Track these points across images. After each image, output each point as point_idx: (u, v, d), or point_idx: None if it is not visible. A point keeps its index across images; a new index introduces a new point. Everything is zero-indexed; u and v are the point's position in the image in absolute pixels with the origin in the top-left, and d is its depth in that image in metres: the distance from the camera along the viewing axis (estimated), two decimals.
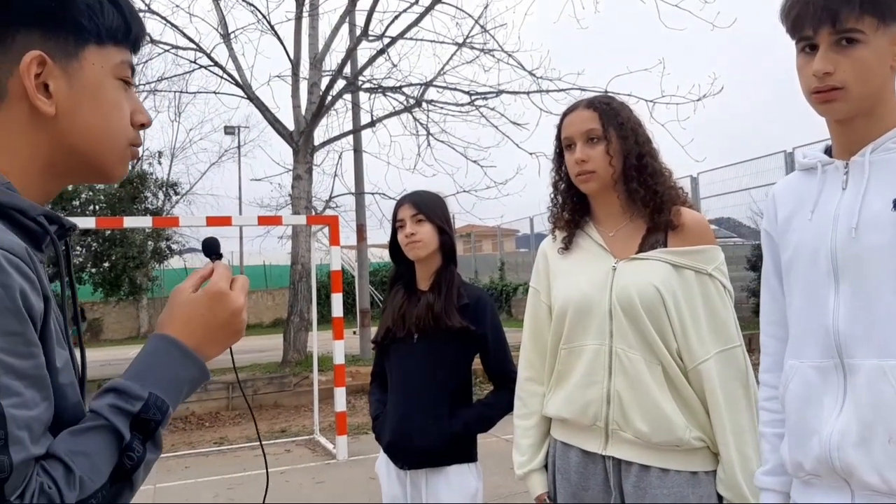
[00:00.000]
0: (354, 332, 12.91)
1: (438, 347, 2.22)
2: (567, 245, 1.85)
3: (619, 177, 1.75)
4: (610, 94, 1.90)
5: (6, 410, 0.70)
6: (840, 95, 1.20)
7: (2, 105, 0.83)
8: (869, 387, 1.16)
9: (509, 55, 10.43)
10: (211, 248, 1.04)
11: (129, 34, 0.91)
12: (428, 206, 2.31)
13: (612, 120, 1.75)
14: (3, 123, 0.84)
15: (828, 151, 1.34)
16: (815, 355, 1.25)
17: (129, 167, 0.97)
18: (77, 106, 0.86)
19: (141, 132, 0.95)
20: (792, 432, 1.30)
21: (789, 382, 1.30)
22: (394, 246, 2.37)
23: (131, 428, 0.80)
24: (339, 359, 6.33)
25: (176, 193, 15.96)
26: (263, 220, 7.03)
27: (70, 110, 0.85)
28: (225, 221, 6.89)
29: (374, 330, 2.42)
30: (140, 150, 0.97)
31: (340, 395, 6.27)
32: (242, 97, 11.03)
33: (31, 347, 0.74)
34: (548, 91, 10.27)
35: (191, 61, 10.86)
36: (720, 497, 1.64)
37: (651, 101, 9.46)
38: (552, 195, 1.91)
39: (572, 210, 1.85)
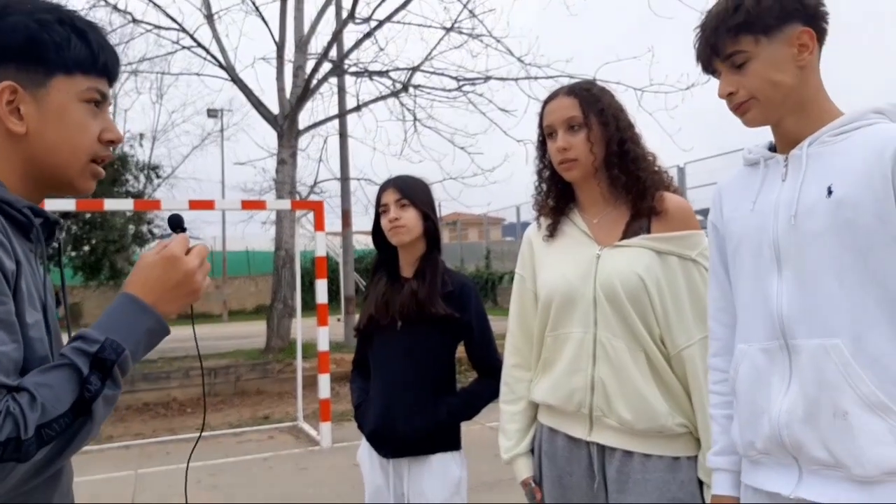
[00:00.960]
0: (339, 320, 12.87)
1: (422, 335, 2.19)
2: (552, 232, 1.84)
3: (601, 164, 1.75)
4: (591, 81, 1.89)
5: None
6: (750, 106, 1.34)
7: None
8: (812, 365, 1.23)
9: (498, 41, 10.39)
10: (175, 223, 1.17)
11: (96, 64, 1.06)
12: (412, 191, 2.26)
13: (593, 106, 1.74)
14: None
15: (772, 148, 1.42)
16: (761, 338, 1.32)
17: (94, 184, 1.11)
18: (44, 126, 1.02)
19: (112, 148, 1.10)
20: (743, 413, 1.36)
21: (739, 366, 1.37)
22: (377, 231, 2.33)
23: (91, 367, 0.92)
24: (323, 346, 6.28)
25: (158, 177, 15.75)
26: (247, 205, 6.93)
27: (39, 130, 1.02)
28: (208, 205, 6.79)
29: (358, 317, 2.36)
30: (101, 168, 1.11)
31: (324, 382, 6.24)
32: (226, 79, 10.91)
33: (2, 296, 0.88)
34: (536, 78, 10.25)
35: (173, 42, 10.70)
36: (701, 482, 1.65)
37: (640, 89, 9.48)
38: (536, 183, 1.90)
39: (557, 197, 1.85)
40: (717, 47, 1.33)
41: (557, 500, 1.78)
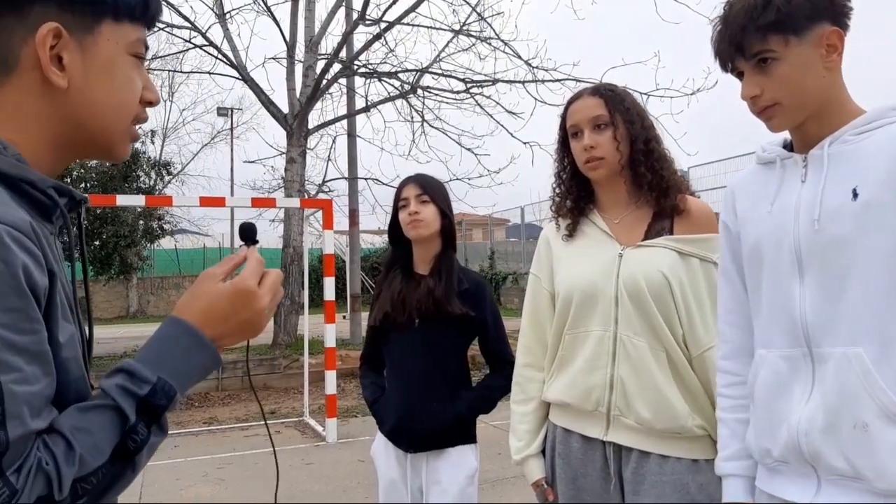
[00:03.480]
0: (344, 317, 12.94)
1: (439, 332, 2.23)
2: (571, 232, 1.85)
3: (626, 162, 1.76)
4: (612, 83, 1.91)
5: (5, 386, 0.70)
6: (776, 111, 1.27)
7: (14, 74, 0.83)
8: (836, 374, 1.18)
9: (505, 44, 10.43)
10: (247, 234, 1.03)
11: (147, 11, 0.91)
12: (433, 188, 2.32)
13: (619, 105, 1.76)
14: (14, 93, 0.83)
15: (787, 146, 1.36)
16: (783, 345, 1.27)
17: (130, 148, 0.96)
18: (89, 80, 0.86)
19: (148, 110, 0.95)
20: (760, 420, 1.32)
21: (758, 371, 1.32)
22: (394, 227, 2.37)
23: (137, 411, 0.79)
24: (330, 342, 6.35)
25: (168, 173, 15.86)
26: (257, 202, 7.01)
27: (82, 84, 0.85)
28: (218, 202, 6.87)
29: (364, 315, 2.43)
30: (140, 130, 0.96)
31: (331, 378, 6.31)
32: (237, 78, 10.95)
33: (33, 324, 0.74)
34: (543, 81, 10.28)
35: (185, 40, 10.76)
36: None
37: (646, 93, 9.47)
38: (555, 184, 1.91)
39: (577, 198, 1.85)
40: (742, 46, 1.25)
41: (572, 500, 1.77)
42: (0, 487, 0.69)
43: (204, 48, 10.71)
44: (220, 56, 10.67)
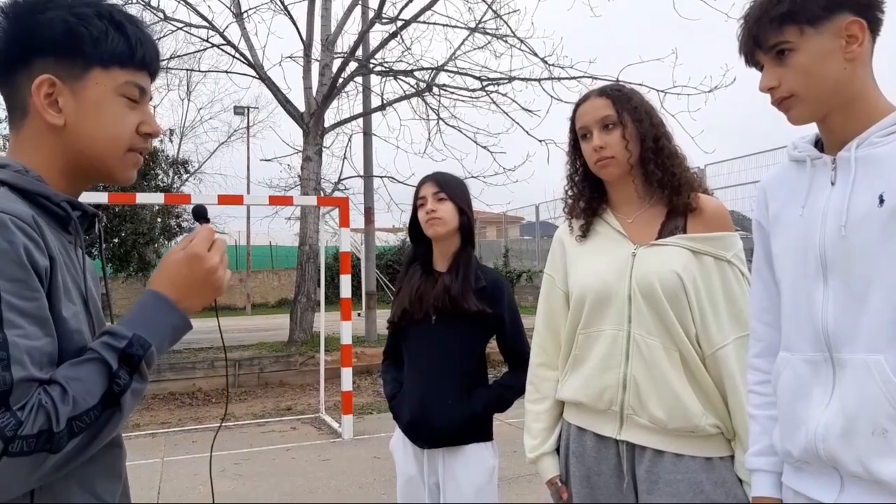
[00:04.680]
0: (359, 315, 12.99)
1: (456, 329, 2.24)
2: (585, 233, 1.86)
3: (636, 161, 1.77)
4: (620, 83, 1.92)
5: (10, 338, 0.87)
6: (794, 102, 1.27)
7: (28, 117, 1.04)
8: (856, 381, 1.18)
9: (521, 41, 10.41)
10: (198, 214, 1.21)
11: (133, 57, 1.07)
12: (450, 186, 2.33)
13: (626, 105, 1.76)
14: (30, 132, 1.05)
15: (818, 142, 1.34)
16: (805, 349, 1.27)
17: (135, 173, 1.14)
18: (82, 118, 1.04)
19: (149, 140, 1.12)
20: (783, 422, 1.33)
21: (780, 373, 1.33)
22: (413, 225, 2.39)
23: (119, 361, 0.95)
24: (346, 339, 6.38)
25: (186, 171, 16.00)
26: (274, 200, 7.07)
27: (76, 122, 1.04)
28: (236, 200, 6.93)
29: (379, 312, 2.46)
30: (141, 157, 1.13)
31: (347, 375, 6.34)
32: (254, 77, 11.04)
33: (34, 293, 0.91)
34: (559, 78, 10.26)
35: (203, 39, 10.85)
36: (740, 480, 1.66)
37: (662, 91, 9.45)
38: (567, 187, 1.92)
39: (589, 199, 1.86)
40: (759, 38, 1.26)
41: (585, 499, 1.77)
42: (7, 419, 0.85)
43: (221, 47, 10.80)
44: (237, 55, 10.75)
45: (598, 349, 1.76)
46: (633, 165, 1.78)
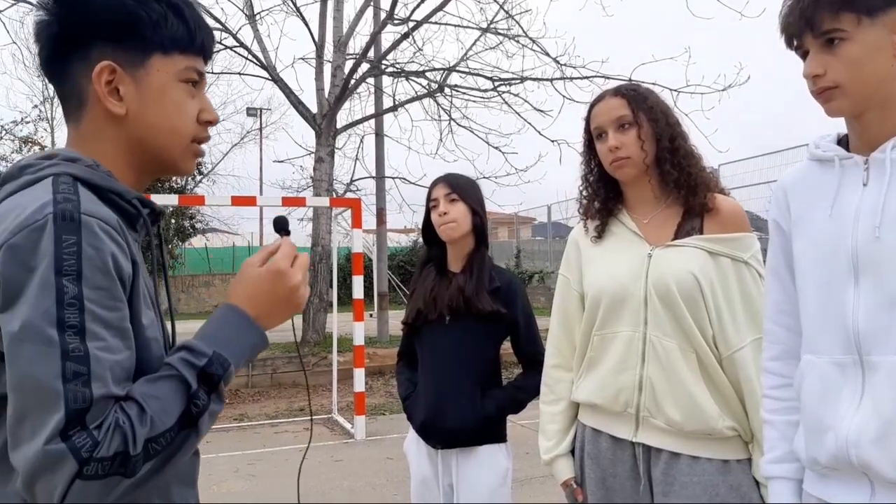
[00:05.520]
0: (371, 315, 13.01)
1: (470, 330, 2.23)
2: (600, 234, 1.84)
3: (652, 161, 1.75)
4: (635, 82, 1.91)
5: (92, 351, 0.82)
6: (836, 94, 1.22)
7: (86, 108, 1.00)
8: (889, 383, 1.15)
9: (533, 41, 10.36)
10: (280, 225, 1.15)
11: (193, 42, 1.03)
12: (462, 187, 2.33)
13: (641, 105, 1.75)
14: (90, 123, 1.00)
15: (841, 142, 1.31)
16: (833, 351, 1.24)
17: (195, 163, 1.11)
18: (144, 107, 1.00)
19: (210, 129, 1.08)
20: (808, 427, 1.29)
21: (804, 377, 1.29)
22: (427, 227, 2.39)
23: (197, 379, 0.91)
24: (358, 340, 6.40)
25: (199, 173, 16.10)
26: (287, 201, 7.10)
27: (138, 111, 1.00)
28: (249, 201, 6.96)
29: (391, 313, 2.45)
30: (202, 147, 1.09)
31: (359, 375, 6.35)
32: (267, 79, 11.07)
33: (117, 302, 0.87)
34: (571, 78, 10.20)
35: (216, 41, 10.89)
36: (758, 483, 1.65)
37: (676, 90, 9.37)
38: (582, 187, 1.91)
39: (605, 199, 1.85)
40: (813, 21, 1.19)
41: (601, 501, 1.77)
42: (84, 439, 0.80)
43: (234, 49, 10.84)
44: (250, 56, 10.78)
45: (613, 351, 1.75)
46: (648, 165, 1.76)
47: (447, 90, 10.95)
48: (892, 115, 1.21)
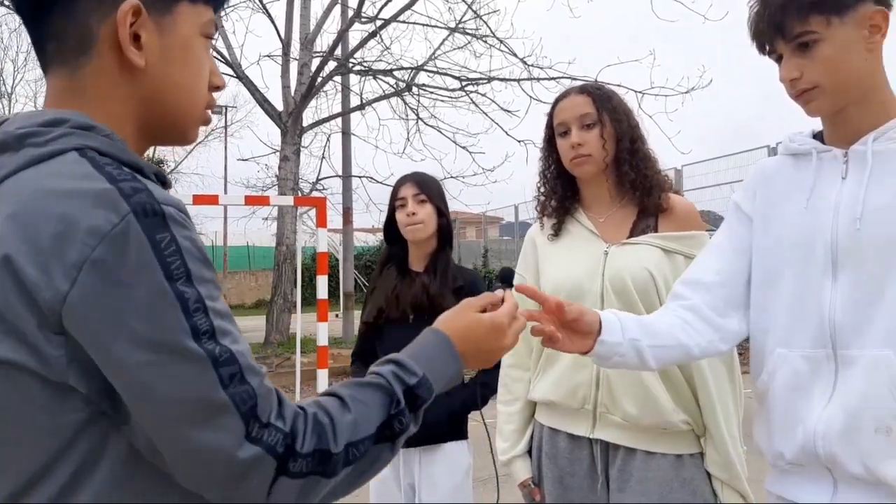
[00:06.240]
0: (337, 316, 12.92)
1: None
2: (557, 232, 1.86)
3: (611, 161, 1.78)
4: (600, 82, 1.93)
5: (232, 348, 0.74)
6: (815, 94, 1.22)
7: (90, 54, 0.80)
8: (862, 377, 1.15)
9: (501, 42, 10.40)
10: (505, 278, 1.13)
11: None
12: (430, 187, 2.32)
13: (606, 104, 1.77)
14: (91, 75, 0.81)
15: (817, 137, 1.32)
16: (806, 345, 1.23)
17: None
18: (166, 61, 0.83)
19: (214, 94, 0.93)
20: (776, 421, 1.28)
21: (777, 371, 1.28)
22: (390, 225, 2.36)
23: (405, 397, 0.86)
24: (322, 340, 6.33)
25: None
26: (250, 200, 6.99)
27: (159, 64, 0.83)
28: (211, 200, 6.84)
29: (357, 313, 2.42)
30: (210, 115, 0.94)
31: (323, 376, 6.28)
32: (231, 76, 10.92)
33: (220, 291, 0.78)
34: (539, 79, 10.26)
35: None
36: (709, 475, 1.67)
37: (640, 91, 9.49)
38: (540, 183, 1.92)
39: (562, 197, 1.86)
40: (783, 27, 1.20)
41: (559, 500, 1.77)
42: (272, 434, 0.73)
43: None
44: (214, 53, 10.60)
45: None
46: (608, 165, 1.78)
47: (415, 89, 10.93)
48: (870, 108, 1.22)
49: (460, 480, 2.22)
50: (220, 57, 10.57)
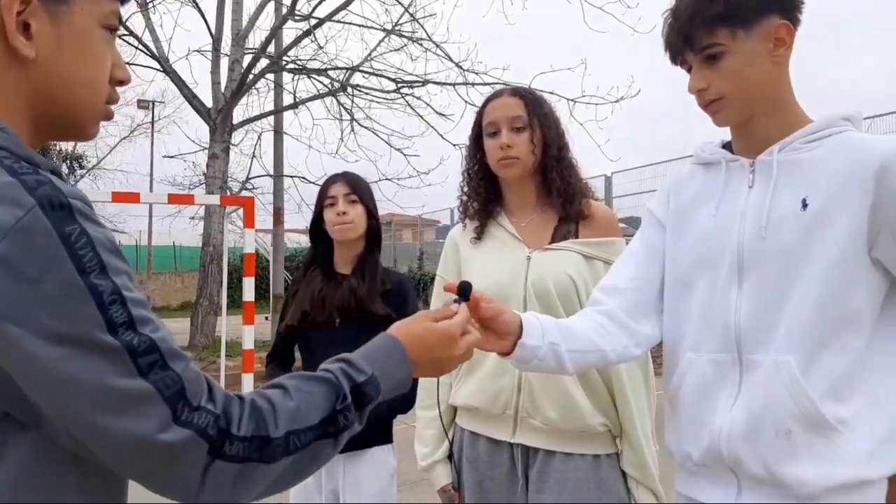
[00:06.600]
0: (267, 318, 12.66)
1: (362, 333, 2.16)
2: (479, 235, 1.85)
3: (538, 166, 1.79)
4: (532, 88, 1.94)
5: (151, 336, 0.72)
6: (721, 105, 1.25)
7: None
8: (764, 381, 1.19)
9: (437, 45, 10.43)
10: (464, 291, 1.20)
11: None
12: (361, 188, 2.28)
13: (537, 110, 1.78)
14: None
15: (726, 147, 1.34)
16: (712, 349, 1.26)
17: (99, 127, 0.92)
18: (60, 52, 0.79)
19: (119, 89, 0.90)
20: (683, 424, 1.31)
21: (686, 374, 1.30)
22: (317, 224, 2.31)
23: (352, 394, 0.86)
24: (248, 344, 6.17)
25: (81, 167, 15.13)
26: (174, 199, 6.75)
27: (52, 56, 0.79)
28: (132, 198, 6.57)
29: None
30: (111, 110, 0.90)
31: (248, 380, 6.12)
32: (158, 70, 10.58)
33: (134, 281, 0.76)
34: (473, 84, 10.34)
35: None
36: (625, 475, 1.70)
37: (572, 99, 9.68)
38: (463, 182, 1.91)
39: (485, 199, 1.86)
40: (692, 38, 1.23)
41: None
42: (203, 416, 0.72)
43: (123, 37, 10.28)
44: (140, 46, 10.27)
45: (493, 353, 1.73)
46: (534, 170, 1.79)
47: (350, 90, 10.83)
48: (776, 119, 1.25)
49: (385, 484, 2.19)
50: (146, 50, 10.23)
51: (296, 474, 0.82)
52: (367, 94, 10.92)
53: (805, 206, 1.18)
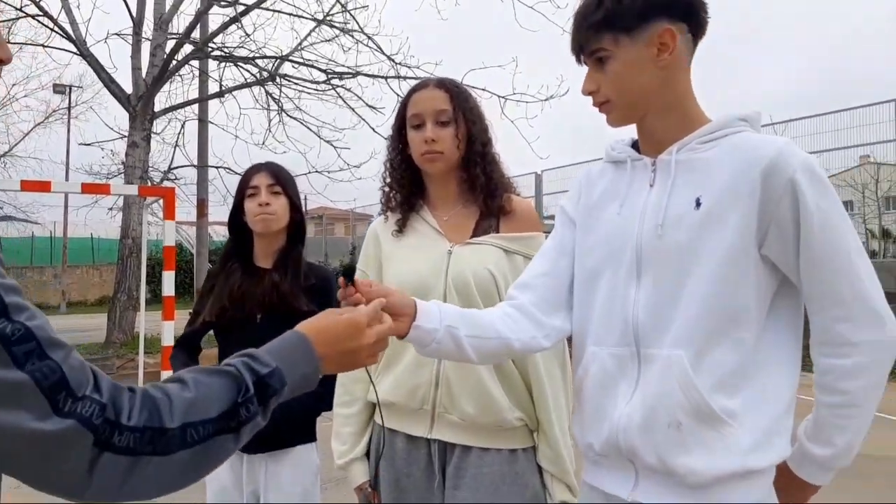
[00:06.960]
0: (190, 313, 12.29)
1: (284, 328, 2.11)
2: (401, 228, 1.83)
3: (461, 161, 1.77)
4: (458, 81, 1.91)
5: (25, 324, 0.70)
6: (609, 108, 1.30)
7: None
8: (660, 375, 1.22)
9: (369, 38, 10.35)
10: (346, 273, 1.20)
11: None
12: (286, 180, 2.21)
13: (463, 104, 1.77)
14: None
15: (635, 146, 1.38)
16: (613, 343, 1.30)
17: None
18: None
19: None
20: (586, 415, 1.35)
21: (589, 367, 1.34)
22: (236, 215, 2.22)
23: (255, 387, 0.86)
24: (168, 340, 5.97)
25: None
26: (88, 188, 6.42)
27: None
28: (43, 187, 6.24)
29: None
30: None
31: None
32: (75, 53, 10.09)
33: (2, 267, 0.74)
34: (406, 78, 10.30)
35: (16, 8, 9.77)
36: (541, 469, 1.71)
37: (503, 97, 9.77)
38: (385, 174, 1.88)
39: (408, 192, 1.84)
40: (583, 43, 1.28)
41: (395, 502, 1.75)
42: (87, 405, 0.70)
43: (37, 18, 9.75)
44: (55, 28, 9.76)
45: (411, 348, 1.69)
46: (457, 165, 1.78)
47: (278, 79, 10.60)
48: (672, 121, 1.28)
49: (309, 483, 2.15)
50: (61, 32, 9.74)
51: (196, 469, 0.79)
52: (296, 84, 10.73)
53: (699, 205, 1.21)
